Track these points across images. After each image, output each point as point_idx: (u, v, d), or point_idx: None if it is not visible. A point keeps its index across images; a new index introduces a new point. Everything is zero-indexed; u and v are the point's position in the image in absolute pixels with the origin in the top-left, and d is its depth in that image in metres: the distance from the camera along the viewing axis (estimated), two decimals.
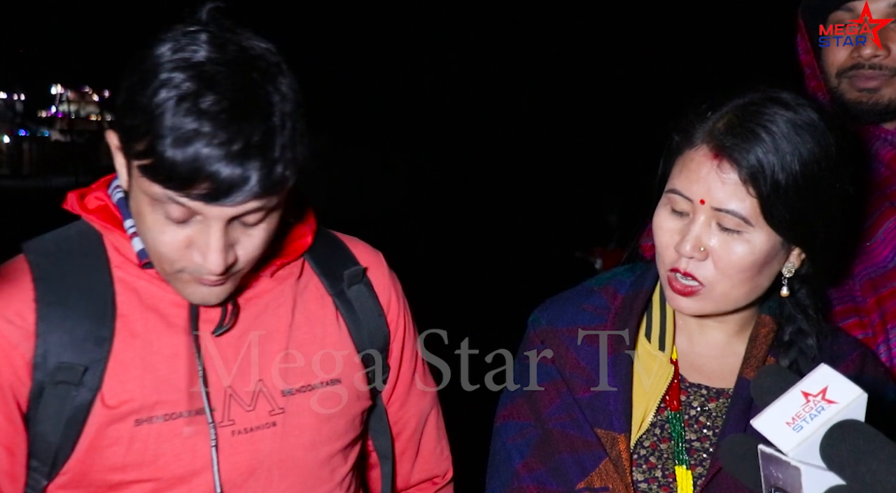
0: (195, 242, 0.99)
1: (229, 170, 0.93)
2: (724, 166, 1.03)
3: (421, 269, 1.27)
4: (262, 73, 0.97)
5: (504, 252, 10.15)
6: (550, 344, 1.20)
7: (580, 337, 1.19)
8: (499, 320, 1.36)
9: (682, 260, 1.08)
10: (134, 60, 0.98)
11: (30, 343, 1.01)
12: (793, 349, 1.14)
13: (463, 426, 1.47)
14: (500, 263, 9.41)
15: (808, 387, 0.64)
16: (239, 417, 1.09)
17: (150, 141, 0.93)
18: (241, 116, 0.94)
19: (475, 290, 7.00)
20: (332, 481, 1.17)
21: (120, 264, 1.08)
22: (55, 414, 1.02)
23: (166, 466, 1.05)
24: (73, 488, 1.06)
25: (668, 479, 1.12)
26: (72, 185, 1.25)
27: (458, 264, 8.97)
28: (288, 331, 1.15)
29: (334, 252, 1.24)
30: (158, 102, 0.92)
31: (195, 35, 0.96)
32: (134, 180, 0.99)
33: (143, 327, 1.06)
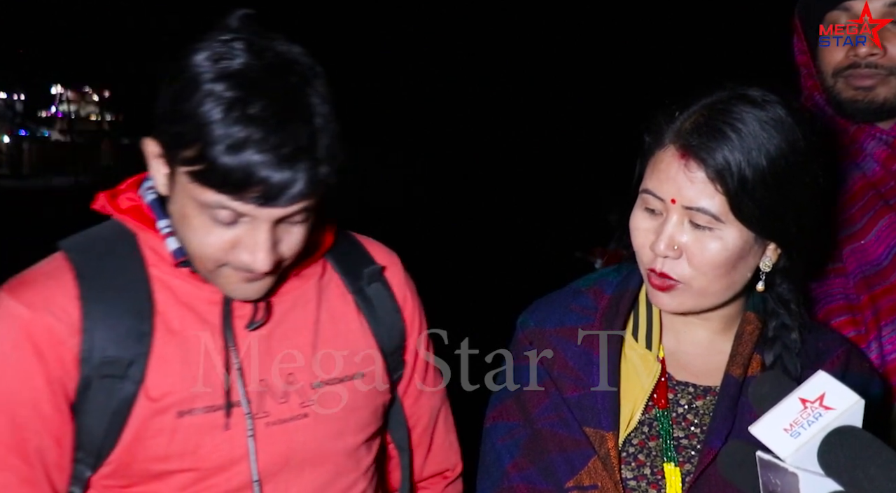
0: (242, 242, 1.02)
1: (280, 174, 0.96)
2: (692, 165, 1.05)
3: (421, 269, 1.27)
4: (300, 77, 1.01)
5: (504, 252, 10.16)
6: (538, 345, 1.21)
7: (568, 337, 1.20)
8: (499, 320, 1.37)
9: (658, 260, 1.09)
10: (172, 70, 1.01)
11: (76, 339, 1.04)
12: (777, 344, 1.14)
13: (463, 426, 1.48)
14: (500, 263, 9.41)
15: (806, 393, 0.64)
16: (273, 409, 1.13)
17: (201, 148, 0.96)
18: (287, 121, 0.97)
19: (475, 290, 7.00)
20: (357, 470, 1.22)
21: (155, 263, 1.11)
22: (101, 407, 1.05)
23: (206, 456, 1.09)
24: (116, 478, 1.09)
25: (656, 476, 1.13)
26: (72, 185, 1.26)
27: (459, 264, 8.98)
28: (314, 327, 1.19)
29: (353, 251, 1.28)
30: (206, 111, 0.95)
31: (232, 43, 0.99)
32: (178, 185, 1.02)
33: (180, 324, 1.10)
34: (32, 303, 1.04)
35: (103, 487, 1.10)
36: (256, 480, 1.11)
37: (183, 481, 1.09)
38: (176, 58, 1.02)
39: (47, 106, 57.26)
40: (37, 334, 1.03)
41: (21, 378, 1.02)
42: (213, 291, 1.11)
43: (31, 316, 1.03)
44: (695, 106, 1.08)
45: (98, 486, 1.10)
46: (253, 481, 1.11)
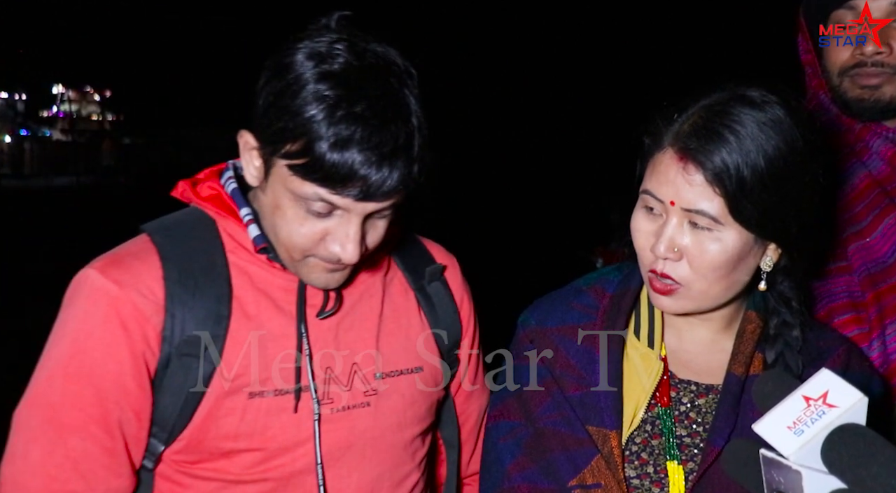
0: (333, 233, 1.06)
1: (379, 171, 1.01)
2: (690, 168, 1.04)
3: None
4: (397, 78, 1.05)
5: (506, 252, 10.15)
6: (540, 344, 1.22)
7: (570, 336, 1.20)
8: (500, 320, 1.36)
9: (659, 262, 1.09)
10: (273, 68, 1.05)
11: (160, 317, 1.09)
12: (778, 342, 1.14)
13: None
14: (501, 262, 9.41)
15: (810, 391, 0.64)
16: (337, 396, 1.17)
17: (306, 144, 1.00)
18: (388, 121, 1.02)
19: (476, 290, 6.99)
20: (412, 462, 1.25)
21: (233, 249, 1.15)
22: (178, 384, 1.10)
23: (273, 437, 1.13)
24: (186, 454, 1.13)
25: (660, 474, 1.13)
26: (73, 184, 1.28)
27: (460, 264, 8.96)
28: (378, 320, 1.23)
29: (415, 250, 1.33)
30: (311, 109, 0.99)
31: (334, 44, 1.03)
32: (274, 177, 1.06)
33: (256, 309, 1.14)
34: (121, 281, 1.08)
35: (174, 462, 1.14)
36: (319, 463, 1.14)
37: (250, 460, 1.13)
38: (275, 56, 1.06)
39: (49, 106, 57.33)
40: (124, 310, 1.07)
41: (108, 352, 1.07)
42: (288, 279, 1.16)
43: (120, 293, 1.07)
44: (693, 108, 1.08)
45: (169, 461, 1.14)
46: (316, 463, 1.14)
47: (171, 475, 1.15)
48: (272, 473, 1.14)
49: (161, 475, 1.15)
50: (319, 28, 1.06)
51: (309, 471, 1.15)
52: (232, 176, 1.19)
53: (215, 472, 1.14)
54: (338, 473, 1.17)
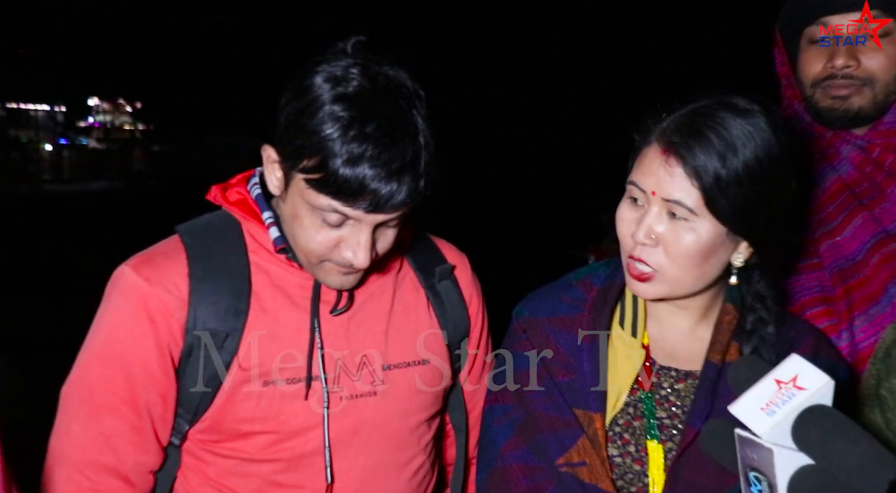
0: (346, 241, 1.09)
1: (388, 186, 1.03)
2: (672, 161, 1.06)
3: None
4: (406, 99, 1.07)
5: (503, 251, 10.14)
6: (532, 333, 1.23)
7: (559, 326, 1.21)
8: (499, 320, 1.36)
9: (637, 247, 1.11)
10: (294, 89, 1.07)
11: (184, 311, 1.12)
12: (754, 337, 1.15)
13: None
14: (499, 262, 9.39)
15: (781, 375, 0.64)
16: (347, 385, 1.19)
17: (321, 160, 1.02)
18: (397, 139, 1.04)
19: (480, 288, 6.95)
20: (418, 446, 1.27)
21: (255, 250, 1.18)
22: (200, 371, 1.13)
23: (286, 421, 1.16)
24: (209, 433, 1.17)
25: (640, 453, 1.14)
26: (107, 188, 1.29)
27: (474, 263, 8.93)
28: (388, 316, 1.25)
29: (427, 250, 1.34)
30: (326, 128, 1.02)
31: (349, 69, 1.06)
32: (293, 189, 1.08)
33: (273, 304, 1.16)
34: (150, 278, 1.12)
35: (198, 440, 1.18)
36: (327, 446, 1.16)
37: (264, 441, 1.16)
38: (296, 78, 1.08)
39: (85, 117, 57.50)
40: (151, 304, 1.11)
41: (136, 341, 1.11)
42: (304, 277, 1.17)
43: (148, 289, 1.11)
44: (682, 110, 1.10)
45: (194, 439, 1.18)
46: (324, 446, 1.16)
47: (196, 451, 1.19)
48: (284, 454, 1.16)
49: (187, 451, 1.19)
50: (336, 52, 1.08)
51: (318, 453, 1.17)
52: (257, 182, 1.21)
53: (233, 451, 1.17)
54: (345, 456, 1.19)
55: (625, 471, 1.13)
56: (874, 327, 1.32)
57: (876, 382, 1.07)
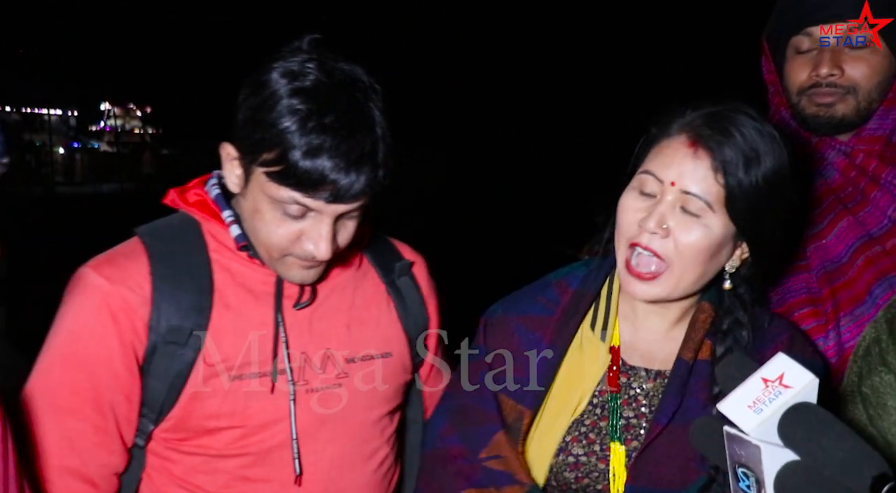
0: (307, 234, 1.07)
1: (347, 176, 1.02)
2: (700, 153, 1.04)
3: None
4: (363, 93, 1.07)
5: (502, 252, 10.11)
6: (491, 330, 1.23)
7: (526, 325, 1.20)
8: None
9: (645, 235, 1.07)
10: (251, 85, 1.06)
11: (147, 309, 1.10)
12: (729, 338, 1.14)
13: None
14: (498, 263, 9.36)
15: (767, 373, 0.64)
16: (311, 378, 1.18)
17: (281, 152, 1.01)
18: (355, 131, 1.03)
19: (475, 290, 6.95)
20: (381, 438, 1.26)
21: (216, 249, 1.15)
22: (165, 369, 1.10)
23: (253, 415, 1.14)
24: (174, 431, 1.14)
25: (605, 452, 1.13)
26: (118, 190, 1.29)
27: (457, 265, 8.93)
28: (350, 310, 1.23)
29: (385, 248, 1.33)
30: (285, 121, 1.01)
31: (306, 64, 1.05)
32: (253, 184, 1.07)
33: (236, 301, 1.15)
34: (112, 277, 1.09)
35: (163, 439, 1.15)
36: (295, 438, 1.15)
37: (231, 436, 1.14)
38: (253, 75, 1.07)
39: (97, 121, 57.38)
40: (114, 303, 1.08)
41: (99, 341, 1.08)
42: (266, 273, 1.16)
43: (110, 288, 1.09)
44: (703, 108, 1.09)
45: (159, 438, 1.15)
46: (292, 439, 1.15)
47: (161, 451, 1.16)
48: (252, 448, 1.15)
49: (152, 451, 1.16)
50: (293, 49, 1.08)
51: (285, 446, 1.15)
52: (216, 183, 1.20)
53: (200, 448, 1.14)
54: (312, 448, 1.17)
55: (590, 469, 1.13)
56: (859, 327, 1.32)
57: (858, 379, 1.07)
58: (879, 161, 1.41)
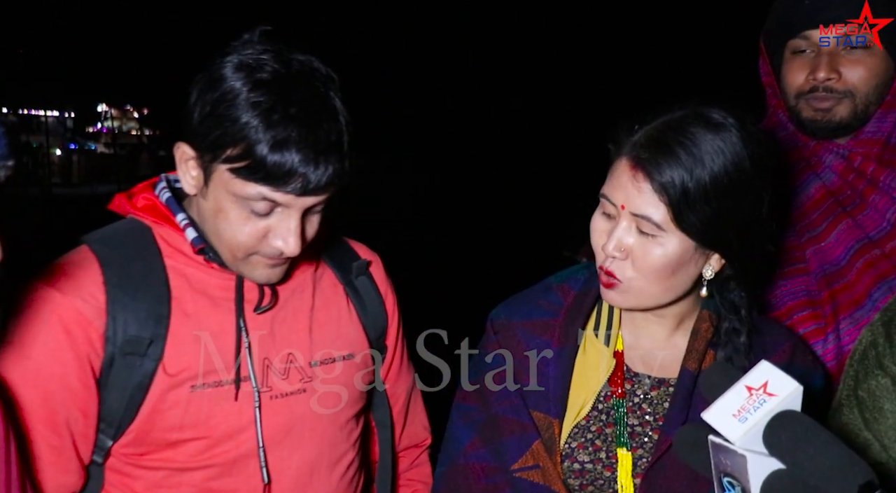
0: (275, 230, 1.04)
1: (316, 168, 0.99)
2: (640, 177, 1.04)
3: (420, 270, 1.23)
4: (322, 82, 1.04)
5: (502, 253, 10.11)
6: (503, 335, 1.21)
7: (532, 330, 1.19)
8: None
9: (607, 259, 1.09)
10: (205, 82, 1.02)
11: (102, 320, 1.05)
12: (728, 346, 1.14)
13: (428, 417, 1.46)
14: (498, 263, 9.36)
15: (751, 381, 0.64)
16: (275, 384, 1.14)
17: (246, 147, 0.98)
18: (321, 120, 1.00)
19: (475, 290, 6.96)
20: (347, 442, 1.23)
21: (170, 254, 1.11)
22: (123, 381, 1.06)
23: (217, 425, 1.10)
24: (134, 446, 1.09)
25: (611, 460, 1.12)
26: (115, 191, 1.27)
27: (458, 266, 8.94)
28: (310, 312, 1.20)
29: (342, 249, 1.30)
30: (248, 115, 0.98)
31: (261, 55, 1.01)
32: (217, 182, 1.03)
33: (194, 307, 1.10)
34: (63, 288, 1.04)
35: (122, 455, 1.10)
36: (261, 446, 1.12)
37: (195, 448, 1.10)
38: (205, 72, 1.03)
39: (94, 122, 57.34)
40: (67, 315, 1.03)
41: (52, 355, 1.03)
42: (225, 278, 1.12)
43: (62, 299, 1.03)
44: (654, 122, 1.07)
45: (118, 454, 1.10)
46: (258, 447, 1.11)
47: (121, 467, 1.11)
48: (217, 459, 1.11)
49: (111, 468, 1.11)
50: (244, 43, 1.04)
51: (252, 455, 1.12)
52: (165, 186, 1.15)
53: (162, 461, 1.10)
54: (279, 455, 1.14)
55: (595, 477, 1.12)
56: (858, 331, 1.32)
57: (854, 383, 1.07)
58: (877, 164, 1.40)
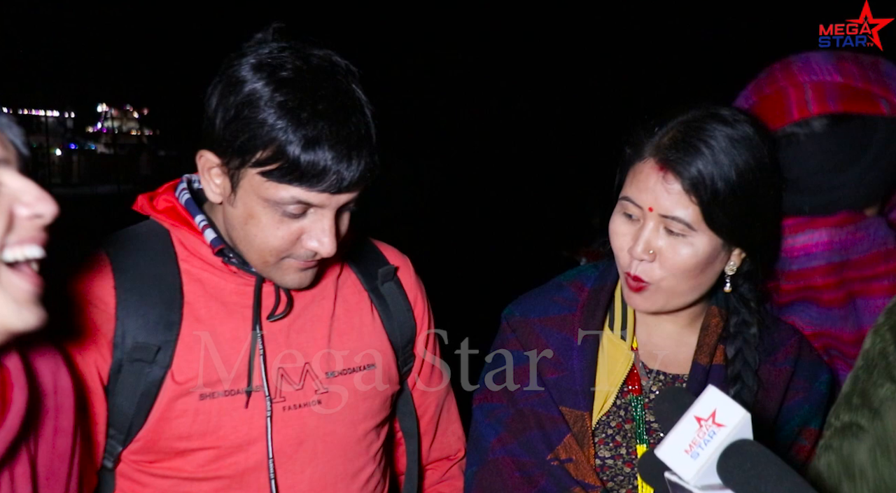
0: (309, 231, 1.02)
1: (348, 163, 0.97)
2: (669, 178, 1.04)
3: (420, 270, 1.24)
4: (343, 76, 1.01)
5: (502, 253, 10.08)
6: (521, 332, 1.20)
7: (551, 326, 1.19)
8: (498, 321, 1.34)
9: (633, 263, 1.08)
10: (223, 86, 0.98)
11: (111, 325, 1.03)
12: (738, 339, 1.14)
13: (464, 423, 1.45)
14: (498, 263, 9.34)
15: (700, 411, 0.64)
16: (289, 394, 1.11)
17: (277, 149, 0.95)
18: (349, 115, 0.97)
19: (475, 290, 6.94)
20: (367, 455, 1.19)
21: (186, 258, 1.09)
22: (131, 388, 1.04)
23: (226, 436, 1.07)
24: (143, 453, 1.08)
25: (631, 456, 1.12)
26: (115, 192, 1.25)
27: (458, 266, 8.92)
28: (330, 321, 1.16)
29: (369, 253, 1.26)
30: (275, 115, 0.94)
31: (280, 53, 0.98)
32: (247, 188, 0.99)
33: (207, 314, 1.08)
34: (73, 293, 1.02)
35: (132, 462, 1.09)
36: (271, 457, 1.08)
37: (204, 458, 1.08)
38: (221, 76, 1.00)
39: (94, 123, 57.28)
40: (76, 320, 1.01)
41: None
42: (241, 283, 1.09)
43: (72, 304, 1.02)
44: (672, 123, 1.08)
45: (128, 461, 1.09)
46: (268, 459, 1.08)
47: (131, 473, 1.09)
48: (226, 470, 1.08)
49: (121, 474, 1.10)
50: (257, 42, 1.01)
51: (261, 468, 1.09)
52: (185, 188, 1.13)
53: (171, 470, 1.08)
54: (290, 469, 1.10)
55: (615, 473, 1.12)
56: None
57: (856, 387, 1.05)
58: None
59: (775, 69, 1.36)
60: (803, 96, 1.28)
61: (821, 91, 1.27)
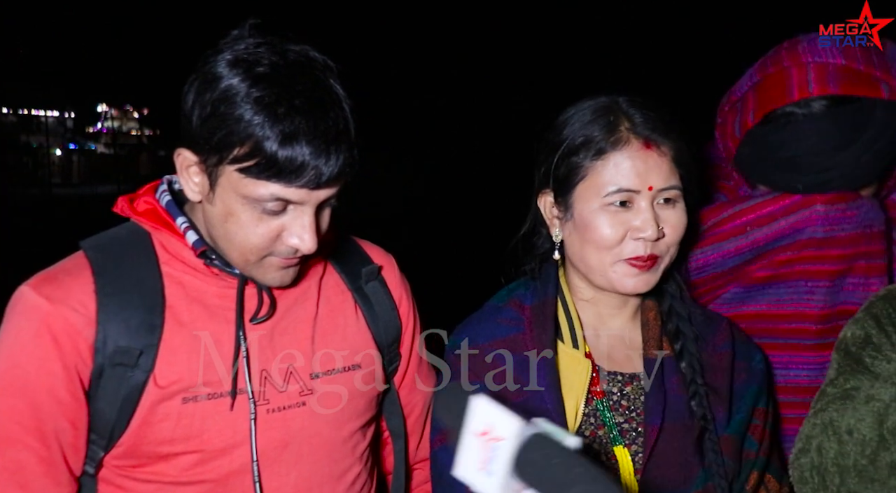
0: (289, 228, 1.00)
1: (327, 158, 0.95)
2: (661, 150, 1.10)
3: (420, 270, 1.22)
4: (321, 70, 0.99)
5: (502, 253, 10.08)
6: (472, 363, 1.17)
7: (502, 348, 1.16)
8: None
9: (646, 245, 1.08)
10: (199, 82, 0.97)
11: (91, 329, 1.01)
12: (679, 337, 1.16)
13: None
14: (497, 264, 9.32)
15: (476, 427, 0.65)
16: (273, 397, 1.09)
17: (254, 145, 0.94)
18: (327, 109, 0.96)
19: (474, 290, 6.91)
20: (353, 455, 1.17)
21: (167, 261, 1.07)
22: (113, 393, 1.02)
23: (210, 440, 1.06)
24: (126, 458, 1.06)
25: (611, 460, 1.11)
26: (115, 191, 1.25)
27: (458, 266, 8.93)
28: (314, 322, 1.15)
29: (352, 252, 1.24)
30: (252, 111, 0.93)
31: (256, 49, 0.97)
32: (225, 185, 0.98)
33: (189, 317, 1.06)
34: (52, 297, 1.00)
35: (115, 467, 1.07)
36: (255, 461, 1.07)
37: (187, 462, 1.06)
38: (197, 72, 0.99)
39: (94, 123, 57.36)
40: (55, 325, 1.00)
41: (40, 365, 0.99)
42: (223, 285, 1.08)
43: (51, 308, 1.00)
44: (620, 108, 1.11)
45: (110, 466, 1.07)
46: (252, 462, 1.07)
47: (113, 479, 1.07)
48: (210, 474, 1.06)
49: (103, 479, 1.08)
50: (233, 38, 1.00)
51: (245, 471, 1.07)
52: (166, 190, 1.11)
53: (154, 475, 1.06)
54: (276, 472, 1.09)
55: None
56: None
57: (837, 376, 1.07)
58: None
59: (782, 48, 1.37)
60: (805, 77, 1.29)
61: (823, 72, 1.28)
